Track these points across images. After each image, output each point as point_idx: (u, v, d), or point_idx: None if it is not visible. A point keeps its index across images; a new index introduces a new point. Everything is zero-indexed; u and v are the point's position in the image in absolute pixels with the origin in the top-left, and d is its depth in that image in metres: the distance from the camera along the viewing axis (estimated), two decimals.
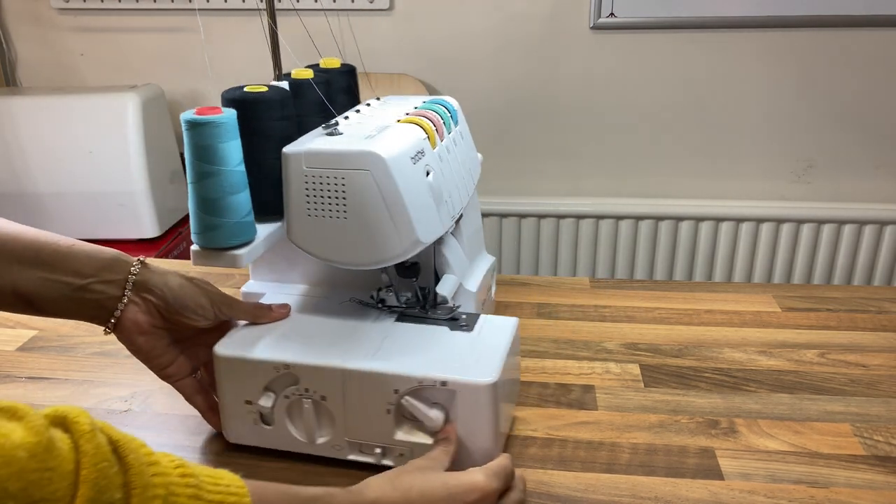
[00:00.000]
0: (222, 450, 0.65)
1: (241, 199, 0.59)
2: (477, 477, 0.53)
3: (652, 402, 0.72)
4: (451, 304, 0.68)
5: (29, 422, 0.34)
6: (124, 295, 0.59)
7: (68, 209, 1.63)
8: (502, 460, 0.57)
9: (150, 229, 1.65)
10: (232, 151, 0.58)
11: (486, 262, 0.80)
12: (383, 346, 0.62)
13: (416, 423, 0.60)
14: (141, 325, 0.59)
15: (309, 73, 0.69)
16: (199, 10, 1.79)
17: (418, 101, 0.76)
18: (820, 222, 1.81)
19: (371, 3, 1.73)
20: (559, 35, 1.73)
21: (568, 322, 0.87)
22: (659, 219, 1.83)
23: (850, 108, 1.74)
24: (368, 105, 0.74)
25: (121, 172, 1.60)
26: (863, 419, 0.69)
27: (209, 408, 0.65)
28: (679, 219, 1.83)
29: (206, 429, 0.68)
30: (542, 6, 1.71)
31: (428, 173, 0.63)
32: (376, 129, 0.63)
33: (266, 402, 0.61)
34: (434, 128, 0.67)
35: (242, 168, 0.59)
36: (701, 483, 0.61)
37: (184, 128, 0.58)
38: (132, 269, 0.59)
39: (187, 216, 1.28)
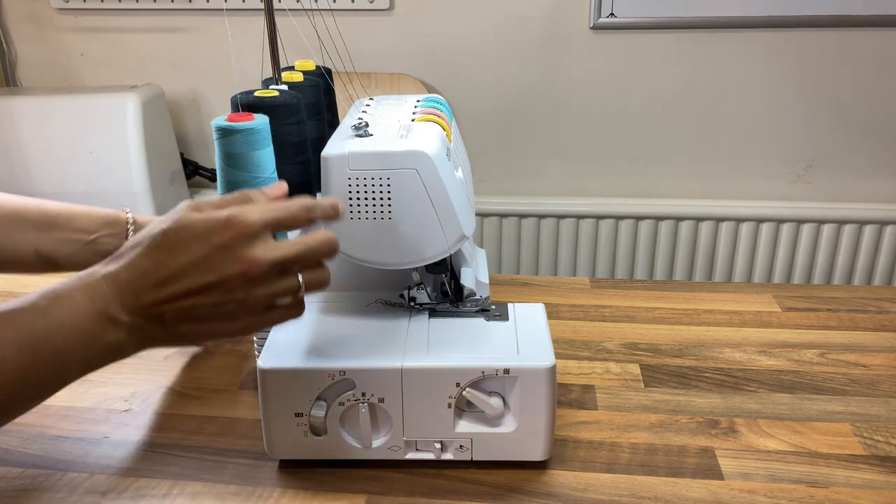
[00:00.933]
0: (223, 450, 0.65)
1: None
2: (238, 213, 0.48)
3: (652, 401, 0.72)
4: (478, 295, 0.69)
5: None
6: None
7: None
8: (282, 204, 0.52)
9: None
10: (266, 159, 0.58)
11: (482, 253, 0.81)
12: (431, 342, 0.62)
13: (476, 413, 0.61)
14: None
15: (299, 76, 0.69)
16: (201, 10, 1.79)
17: (412, 99, 0.76)
18: (820, 222, 1.81)
19: (371, 3, 1.73)
20: (559, 35, 1.73)
21: (568, 322, 0.87)
22: (659, 219, 1.83)
23: (850, 108, 1.74)
24: (368, 105, 0.74)
25: (121, 172, 1.60)
26: (863, 419, 0.69)
27: None
28: (679, 219, 1.83)
29: (206, 429, 0.68)
30: (542, 6, 1.71)
31: (457, 168, 0.64)
32: (403, 129, 0.63)
33: (319, 411, 0.60)
34: (447, 124, 0.68)
35: (276, 176, 0.60)
36: (701, 483, 0.61)
37: (215, 135, 0.58)
38: (128, 223, 0.69)
39: None
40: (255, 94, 0.63)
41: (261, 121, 0.58)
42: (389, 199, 0.59)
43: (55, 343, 0.46)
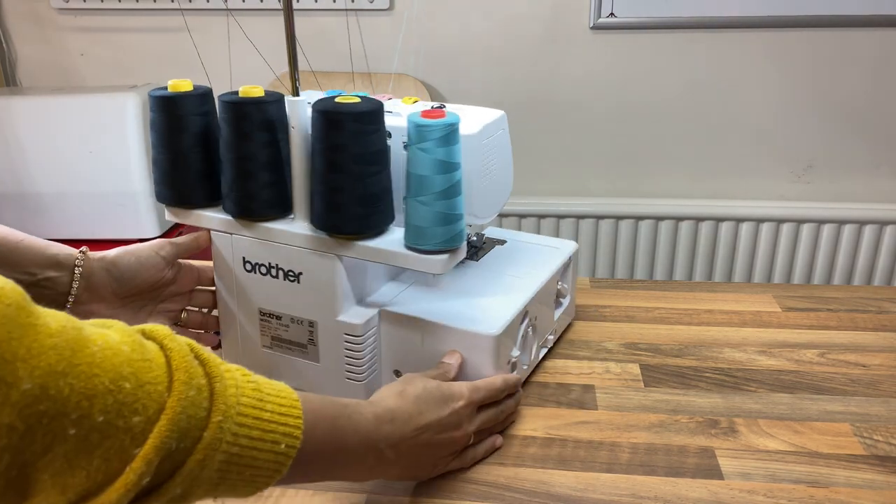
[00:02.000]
0: None
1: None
2: (462, 387, 0.62)
3: (652, 401, 0.72)
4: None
5: (120, 328, 0.40)
6: (71, 290, 0.64)
7: (68, 209, 1.63)
8: (490, 379, 0.65)
9: (150, 229, 1.65)
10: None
11: None
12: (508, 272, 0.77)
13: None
14: (100, 311, 0.64)
15: (260, 91, 0.66)
16: (201, 9, 1.79)
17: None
18: (820, 222, 1.81)
19: (371, 3, 1.73)
20: (559, 35, 1.73)
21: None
22: (659, 219, 1.83)
23: (850, 108, 1.74)
24: (391, 99, 0.75)
25: (121, 172, 1.60)
26: (863, 419, 0.69)
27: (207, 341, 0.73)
28: (679, 219, 1.83)
29: None
30: (542, 6, 1.71)
31: None
32: (454, 108, 0.71)
33: (517, 351, 0.70)
34: None
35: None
36: (701, 483, 0.61)
37: (431, 143, 0.58)
38: (77, 262, 0.65)
39: None
40: (336, 100, 0.61)
41: (452, 115, 0.60)
42: (492, 157, 0.71)
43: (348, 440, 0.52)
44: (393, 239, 0.65)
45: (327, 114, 0.60)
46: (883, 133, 1.76)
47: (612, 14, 1.69)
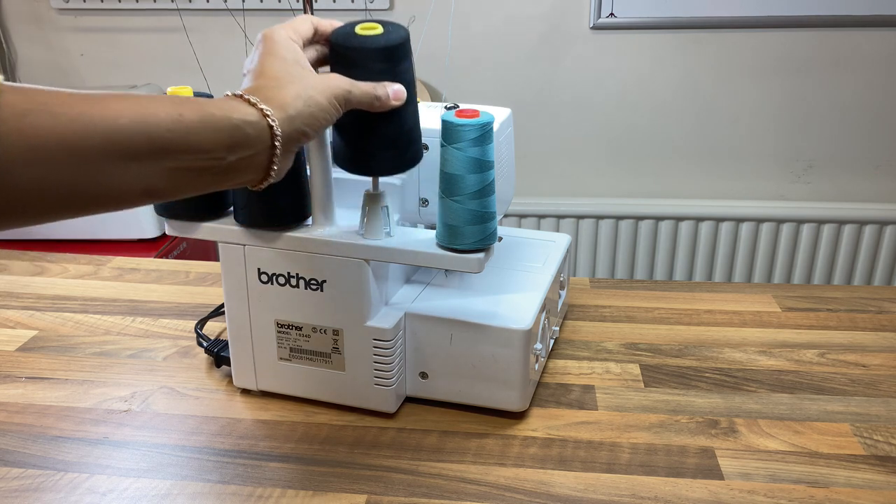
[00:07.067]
0: (224, 450, 0.65)
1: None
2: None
3: (652, 402, 0.72)
4: None
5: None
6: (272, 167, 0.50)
7: None
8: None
9: (150, 229, 1.65)
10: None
11: None
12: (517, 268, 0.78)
13: None
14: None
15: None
16: (201, 10, 1.79)
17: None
18: (820, 222, 1.81)
19: (371, 3, 1.73)
20: (559, 35, 1.73)
21: (568, 322, 0.87)
22: (659, 219, 1.84)
23: (850, 108, 1.74)
24: None
25: None
26: (863, 419, 0.69)
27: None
28: (679, 219, 1.83)
29: (206, 429, 0.68)
30: (542, 6, 1.71)
31: None
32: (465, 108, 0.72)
33: (539, 344, 0.70)
34: None
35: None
36: (701, 483, 0.61)
37: (467, 142, 0.58)
38: (274, 129, 0.49)
39: None
40: (357, 30, 0.56)
41: (487, 115, 0.60)
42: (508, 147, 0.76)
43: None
44: (424, 239, 0.64)
45: (352, 51, 0.56)
46: (883, 133, 1.76)
47: (612, 14, 1.69)
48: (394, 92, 0.56)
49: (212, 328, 0.85)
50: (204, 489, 0.60)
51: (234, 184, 0.49)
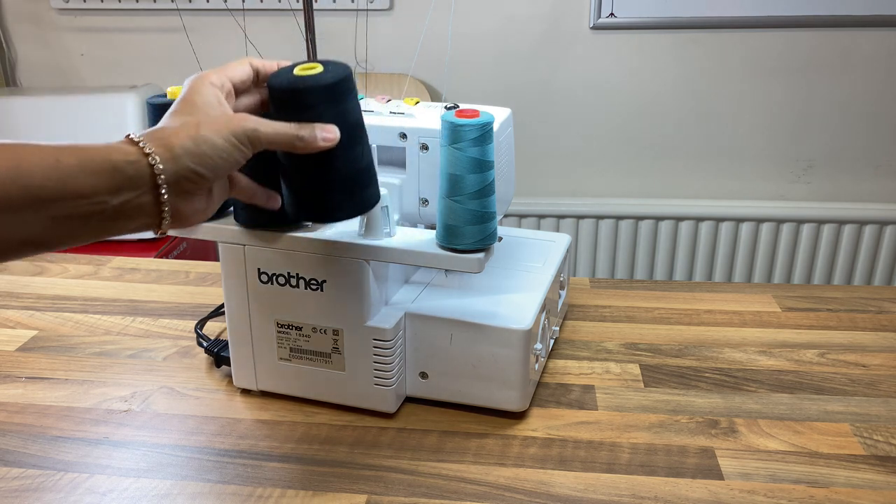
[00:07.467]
0: (224, 450, 0.65)
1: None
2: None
3: (652, 402, 0.72)
4: None
5: None
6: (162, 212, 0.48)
7: None
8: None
9: None
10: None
11: None
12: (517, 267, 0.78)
13: None
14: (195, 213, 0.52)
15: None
16: (201, 10, 1.79)
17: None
18: (820, 222, 1.81)
19: (371, 3, 1.73)
20: (559, 35, 1.73)
21: (568, 322, 0.87)
22: (659, 219, 1.83)
23: (850, 108, 1.74)
24: (390, 100, 0.74)
25: None
26: (863, 419, 0.69)
27: (268, 196, 0.59)
28: (679, 219, 1.83)
29: (206, 429, 0.68)
30: (542, 6, 1.71)
31: None
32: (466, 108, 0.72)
33: (539, 344, 0.70)
34: None
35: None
36: (701, 483, 0.61)
37: (467, 143, 0.58)
38: (153, 168, 0.46)
39: None
40: (295, 72, 0.53)
41: (487, 115, 0.60)
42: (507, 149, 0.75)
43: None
44: (424, 239, 0.64)
45: (289, 92, 0.53)
46: (883, 133, 1.76)
47: (612, 14, 1.69)
48: (323, 132, 0.53)
49: (212, 328, 0.85)
50: (204, 489, 0.60)
51: (129, 229, 0.48)
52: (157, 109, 0.64)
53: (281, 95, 0.53)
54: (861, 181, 1.81)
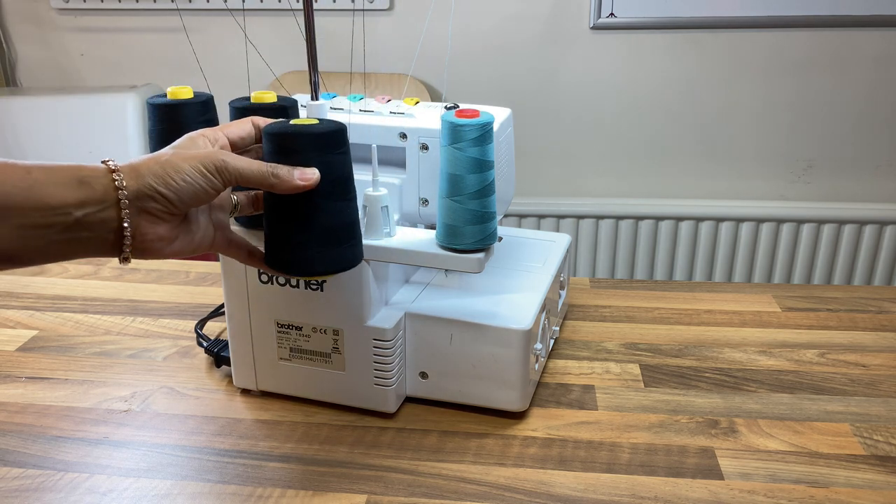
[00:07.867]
0: (223, 450, 0.65)
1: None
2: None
3: (652, 402, 0.72)
4: None
5: None
6: (122, 221, 0.48)
7: None
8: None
9: None
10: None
11: None
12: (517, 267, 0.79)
13: None
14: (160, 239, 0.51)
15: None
16: (201, 10, 1.79)
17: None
18: (820, 222, 1.81)
19: (371, 3, 1.73)
20: (559, 35, 1.73)
21: (568, 322, 0.87)
22: (659, 219, 1.83)
23: (850, 108, 1.74)
24: (389, 100, 0.74)
25: None
26: (863, 419, 0.69)
27: (249, 253, 0.59)
28: (679, 219, 1.83)
29: (207, 429, 0.68)
30: (542, 6, 1.71)
31: None
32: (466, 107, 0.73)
33: (539, 344, 0.70)
34: None
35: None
36: (701, 483, 0.61)
37: (468, 142, 0.58)
38: (116, 183, 0.47)
39: None
40: (291, 122, 0.54)
41: (487, 115, 0.60)
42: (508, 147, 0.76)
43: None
44: (424, 239, 0.64)
45: (280, 135, 0.53)
46: (883, 133, 1.76)
47: (612, 14, 1.69)
48: (301, 173, 0.52)
49: (212, 328, 0.85)
50: (204, 489, 0.61)
51: (94, 245, 0.48)
52: (157, 109, 0.64)
53: (271, 139, 0.54)
54: (861, 181, 1.81)
